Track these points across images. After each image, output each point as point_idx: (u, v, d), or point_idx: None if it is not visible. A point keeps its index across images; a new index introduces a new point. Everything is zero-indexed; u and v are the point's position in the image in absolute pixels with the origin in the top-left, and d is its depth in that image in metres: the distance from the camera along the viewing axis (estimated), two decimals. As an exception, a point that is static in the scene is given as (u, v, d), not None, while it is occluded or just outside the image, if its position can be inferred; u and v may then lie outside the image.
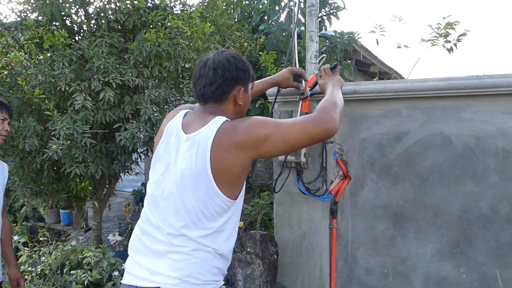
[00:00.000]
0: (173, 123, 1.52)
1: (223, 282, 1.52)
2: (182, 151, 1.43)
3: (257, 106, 3.75)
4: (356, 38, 4.64)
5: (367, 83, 2.18)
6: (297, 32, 3.47)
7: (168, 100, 3.26)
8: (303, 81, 2.22)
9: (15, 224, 3.79)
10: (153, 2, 3.15)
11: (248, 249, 1.97)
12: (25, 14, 3.09)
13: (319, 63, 2.34)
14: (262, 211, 2.63)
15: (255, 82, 2.07)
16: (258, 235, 2.05)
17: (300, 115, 2.18)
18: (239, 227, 2.04)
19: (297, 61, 2.32)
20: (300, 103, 2.19)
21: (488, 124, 1.96)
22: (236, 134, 1.35)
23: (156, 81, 3.19)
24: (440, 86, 2.00)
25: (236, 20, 4.08)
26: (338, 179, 2.25)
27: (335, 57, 4.29)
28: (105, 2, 2.96)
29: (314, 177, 2.25)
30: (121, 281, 1.52)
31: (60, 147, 2.71)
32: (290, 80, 2.12)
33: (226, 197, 1.38)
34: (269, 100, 2.37)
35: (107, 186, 3.75)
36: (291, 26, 2.40)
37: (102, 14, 2.90)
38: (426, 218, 2.09)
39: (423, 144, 2.08)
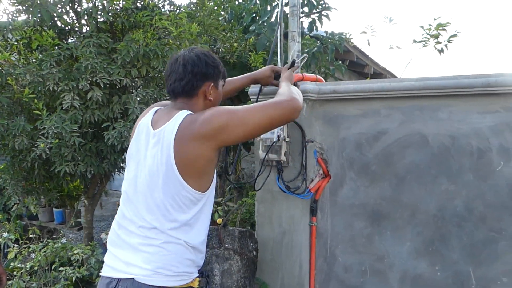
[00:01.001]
0: (144, 120, 1.57)
1: (197, 274, 1.56)
2: (150, 147, 1.49)
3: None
4: (349, 38, 4.66)
5: (346, 83, 2.21)
6: (284, 31, 3.51)
7: (157, 99, 3.30)
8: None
9: (7, 222, 3.84)
10: (142, 2, 3.18)
11: (226, 245, 2.00)
12: (17, 15, 3.13)
13: (301, 63, 2.37)
14: (241, 209, 2.66)
15: (236, 77, 2.12)
16: (237, 232, 2.08)
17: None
18: (217, 224, 2.08)
19: (279, 60, 2.34)
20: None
21: (464, 124, 1.98)
22: (196, 126, 1.40)
23: (145, 81, 3.22)
24: (417, 86, 2.03)
25: (226, 20, 4.11)
26: (318, 178, 2.28)
27: (326, 57, 4.32)
28: (93, 2, 3.00)
29: (295, 176, 2.28)
30: (99, 273, 1.58)
31: (48, 146, 2.76)
32: (270, 78, 2.14)
33: (193, 189, 1.42)
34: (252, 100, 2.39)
35: (98, 185, 3.80)
36: (282, 26, 2.43)
37: (89, 15, 2.93)
38: (403, 217, 2.11)
39: (401, 143, 2.11)
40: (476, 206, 1.96)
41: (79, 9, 3.16)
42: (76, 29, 3.30)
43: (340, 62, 4.64)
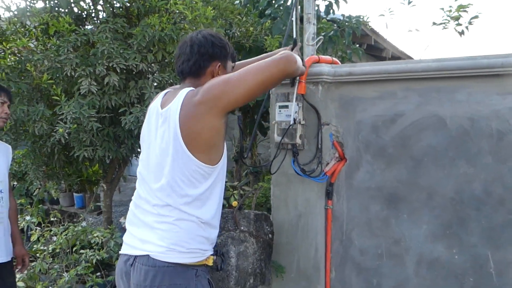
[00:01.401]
0: (155, 103, 1.61)
1: (212, 252, 1.58)
2: (159, 127, 1.53)
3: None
4: (366, 22, 4.58)
5: (362, 65, 2.18)
6: (300, 15, 3.47)
7: (173, 84, 3.31)
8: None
9: (30, 206, 3.94)
10: (157, -13, 3.17)
11: (242, 228, 2.01)
12: (34, 1, 3.17)
13: (316, 45, 2.34)
14: (257, 192, 2.67)
15: (251, 59, 2.12)
16: (252, 215, 2.10)
17: (297, 97, 2.20)
18: (233, 207, 2.10)
19: (298, 39, 2.31)
20: (296, 85, 2.20)
21: (483, 106, 1.94)
22: (197, 98, 1.42)
23: (161, 66, 3.24)
24: (434, 67, 1.99)
25: (242, 4, 4.08)
26: (334, 161, 2.27)
27: (343, 41, 4.26)
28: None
29: (310, 159, 2.27)
30: (119, 256, 1.63)
31: (67, 131, 2.81)
32: None
33: (203, 163, 1.45)
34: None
35: (116, 170, 3.85)
36: (298, 9, 2.41)
37: (105, 0, 2.95)
38: (419, 200, 2.09)
39: (417, 126, 2.08)
40: (495, 189, 1.93)
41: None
42: (93, 15, 3.32)
43: (358, 45, 4.57)
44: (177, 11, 2.99)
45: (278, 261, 2.36)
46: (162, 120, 1.51)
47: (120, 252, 1.61)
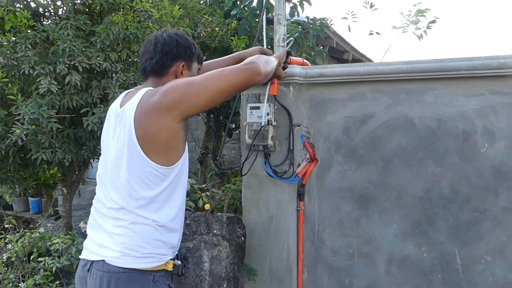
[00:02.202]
0: (115, 103, 1.58)
1: (172, 257, 1.53)
2: (116, 128, 1.49)
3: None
4: (329, 24, 4.65)
5: (333, 66, 2.20)
6: (269, 16, 3.47)
7: (137, 84, 3.22)
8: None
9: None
10: (121, -16, 3.07)
11: (215, 231, 1.97)
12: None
13: (286, 46, 2.34)
14: (229, 194, 2.64)
15: (222, 58, 2.09)
16: (225, 218, 2.06)
17: (268, 98, 2.18)
18: (205, 210, 2.05)
19: (264, 42, 2.31)
20: (268, 85, 2.19)
21: (450, 107, 2.00)
22: (155, 98, 1.38)
23: (125, 65, 3.13)
24: (404, 69, 2.03)
25: (207, 4, 4.03)
26: (305, 162, 2.27)
27: (308, 43, 4.30)
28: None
29: (282, 160, 2.27)
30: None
31: (24, 132, 2.66)
32: None
33: (158, 164, 1.40)
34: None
35: (76, 172, 3.69)
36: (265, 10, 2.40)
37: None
38: (390, 200, 2.13)
39: (387, 127, 2.12)
40: (461, 188, 1.99)
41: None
42: (52, 11, 3.17)
43: (321, 48, 4.63)
44: (143, 9, 2.90)
45: (250, 264, 2.33)
46: (119, 120, 1.47)
47: (80, 256, 1.57)
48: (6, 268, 2.97)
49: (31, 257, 3.01)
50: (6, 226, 3.28)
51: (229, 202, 3.21)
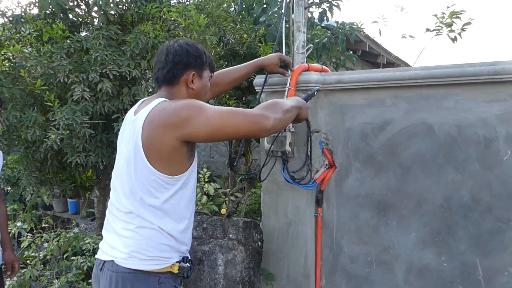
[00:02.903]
0: (131, 111, 1.64)
1: (178, 259, 1.55)
2: (127, 134, 1.55)
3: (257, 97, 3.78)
4: (360, 28, 4.60)
5: (351, 73, 2.19)
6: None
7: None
8: (289, 71, 2.24)
9: (22, 212, 3.94)
10: (150, -6, 3.20)
11: (230, 235, 2.01)
12: (30, 8, 3.18)
13: (306, 53, 2.35)
14: (246, 199, 2.67)
15: (242, 65, 2.13)
16: (241, 222, 2.10)
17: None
18: (221, 214, 2.10)
19: (283, 49, 2.33)
20: (286, 92, 2.21)
21: (470, 113, 1.95)
22: (165, 113, 1.43)
23: (154, 73, 3.24)
24: (422, 75, 2.00)
25: (236, 12, 4.10)
26: (324, 168, 2.27)
27: (337, 48, 4.28)
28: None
29: (300, 166, 2.28)
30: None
31: (59, 137, 2.81)
32: (276, 66, 2.16)
33: (161, 173, 1.44)
34: (257, 90, 2.39)
35: (110, 175, 3.84)
36: (292, 17, 2.43)
37: (99, 7, 2.96)
38: (408, 207, 2.09)
39: (406, 133, 2.09)
40: (482, 196, 1.93)
41: (90, 1, 3.19)
42: (88, 21, 3.34)
43: (352, 52, 4.59)
44: (171, 19, 3.00)
45: (268, 269, 2.35)
46: (131, 127, 1.53)
47: (95, 256, 1.65)
48: (43, 266, 3.14)
49: (65, 256, 3.17)
50: (44, 225, 3.46)
51: (255, 207, 3.25)
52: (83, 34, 3.36)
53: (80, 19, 3.34)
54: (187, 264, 1.57)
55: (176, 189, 1.50)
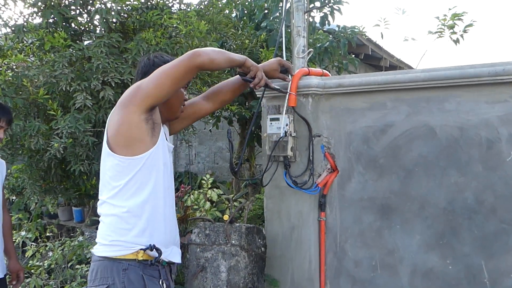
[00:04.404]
0: None
1: (143, 247, 1.53)
2: None
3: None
4: (362, 32, 4.61)
5: (351, 76, 2.19)
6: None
7: (169, 98, 3.33)
8: (289, 76, 2.23)
9: (27, 221, 3.95)
10: (151, 2, 3.22)
11: (233, 241, 2.01)
12: (32, 17, 3.21)
13: (306, 57, 2.36)
14: (249, 204, 2.67)
15: (232, 78, 2.12)
16: (244, 228, 2.09)
17: (287, 110, 2.21)
18: (224, 220, 2.09)
19: (284, 54, 2.33)
20: (287, 97, 2.21)
21: (472, 115, 1.94)
22: (119, 101, 1.57)
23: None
24: (423, 77, 1.99)
25: (237, 17, 4.12)
26: (326, 172, 2.27)
27: (339, 51, 4.28)
28: (103, 3, 3.05)
29: (302, 171, 2.27)
30: None
31: (62, 145, 2.82)
32: (276, 71, 2.15)
33: (122, 156, 1.52)
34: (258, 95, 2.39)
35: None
36: (293, 21, 2.44)
37: (100, 15, 2.98)
38: (412, 210, 2.08)
39: (408, 136, 2.08)
40: (486, 198, 1.92)
41: (91, 10, 3.21)
42: (89, 30, 3.36)
43: (355, 56, 4.59)
44: (172, 26, 3.02)
45: (272, 275, 2.34)
46: None
47: None
48: (48, 275, 3.14)
49: (70, 264, 3.17)
50: (48, 234, 3.47)
51: (259, 212, 3.24)
52: (85, 42, 3.39)
53: (81, 28, 3.36)
54: (154, 252, 1.54)
55: (139, 168, 1.54)
